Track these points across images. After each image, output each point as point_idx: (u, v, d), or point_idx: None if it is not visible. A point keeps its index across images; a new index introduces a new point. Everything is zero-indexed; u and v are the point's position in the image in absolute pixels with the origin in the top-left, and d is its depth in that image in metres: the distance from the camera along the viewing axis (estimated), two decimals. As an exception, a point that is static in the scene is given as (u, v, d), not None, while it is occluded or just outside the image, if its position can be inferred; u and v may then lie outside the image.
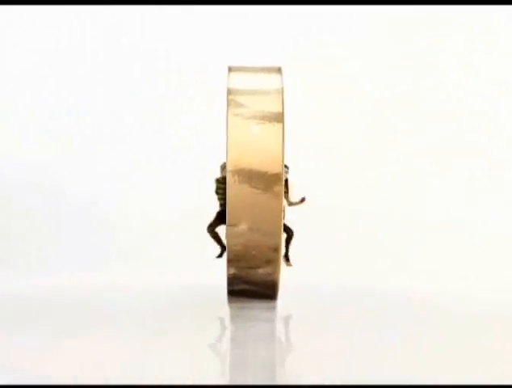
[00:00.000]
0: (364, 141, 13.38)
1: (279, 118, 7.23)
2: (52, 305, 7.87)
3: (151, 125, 13.02)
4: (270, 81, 7.46)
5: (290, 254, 9.52)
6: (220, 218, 9.20)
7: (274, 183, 7.29)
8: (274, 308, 7.88)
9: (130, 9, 13.10)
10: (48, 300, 8.22)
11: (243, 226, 7.39)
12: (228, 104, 7.30)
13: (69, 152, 13.40)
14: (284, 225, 9.15)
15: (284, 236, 9.29)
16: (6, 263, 11.87)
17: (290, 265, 9.53)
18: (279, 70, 7.58)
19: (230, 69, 7.62)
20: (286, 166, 9.32)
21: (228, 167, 7.31)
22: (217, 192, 9.31)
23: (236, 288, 7.98)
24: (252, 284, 7.84)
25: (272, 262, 7.60)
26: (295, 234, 9.36)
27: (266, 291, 7.91)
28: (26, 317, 7.31)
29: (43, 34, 13.29)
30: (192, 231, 9.44)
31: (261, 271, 7.67)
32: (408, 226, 13.20)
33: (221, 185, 9.02)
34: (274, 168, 7.25)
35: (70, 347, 5.52)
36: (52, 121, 12.82)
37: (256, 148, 7.22)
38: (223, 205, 8.95)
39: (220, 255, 9.43)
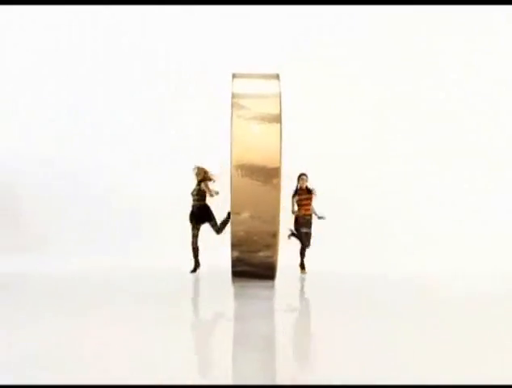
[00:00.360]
0: (363, 140, 13.63)
1: (277, 119, 8.50)
2: (60, 287, 8.33)
3: (156, 124, 13.39)
4: (269, 86, 8.71)
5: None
6: (193, 221, 10.18)
7: (272, 176, 8.55)
8: (272, 287, 9.02)
9: (133, 9, 13.49)
10: (55, 283, 8.76)
11: (245, 215, 8.64)
12: (232, 107, 8.52)
13: (80, 155, 13.88)
14: (305, 235, 10.21)
15: (299, 246, 10.33)
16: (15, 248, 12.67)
17: (305, 273, 10.53)
18: (277, 76, 8.81)
19: (234, 76, 8.84)
20: (304, 175, 10.24)
21: (232, 162, 8.48)
22: (192, 193, 10.28)
23: (239, 269, 9.22)
24: (253, 266, 9.09)
25: (271, 246, 8.85)
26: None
27: (265, 272, 9.14)
28: (34, 300, 8.14)
29: (44, 34, 13.70)
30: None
31: (261, 254, 8.93)
32: (408, 220, 13.58)
33: (196, 187, 10.32)
34: (273, 163, 8.51)
35: (74, 335, 6.17)
36: (63, 121, 13.37)
37: (257, 145, 8.45)
38: (194, 206, 10.16)
39: (194, 270, 10.38)
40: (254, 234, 8.79)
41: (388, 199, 13.82)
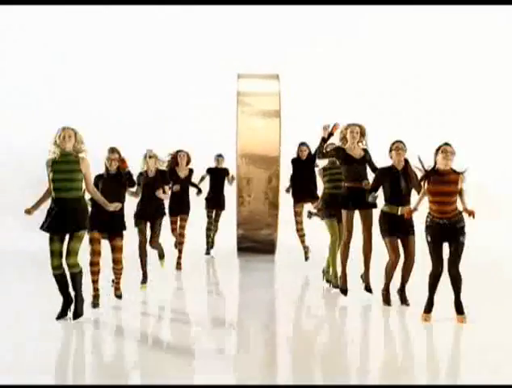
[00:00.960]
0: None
1: (277, 114, 9.75)
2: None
3: (168, 121, 13.73)
4: (270, 85, 9.96)
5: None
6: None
7: (273, 164, 9.83)
8: (273, 261, 10.11)
9: (136, 10, 13.75)
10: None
11: (249, 197, 9.92)
12: (238, 103, 9.77)
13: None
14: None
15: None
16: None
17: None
18: (277, 77, 10.06)
19: (239, 76, 10.06)
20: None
21: (238, 152, 9.74)
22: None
23: (243, 245, 10.50)
24: (256, 242, 10.35)
25: (271, 225, 10.12)
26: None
27: (266, 247, 10.36)
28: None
29: (46, 34, 13.80)
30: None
31: (263, 232, 10.20)
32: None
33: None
34: (273, 152, 9.79)
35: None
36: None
37: (259, 137, 9.71)
38: None
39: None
40: (257, 214, 10.05)
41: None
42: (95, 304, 6.77)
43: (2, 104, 13.89)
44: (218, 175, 10.41)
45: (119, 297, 7.22)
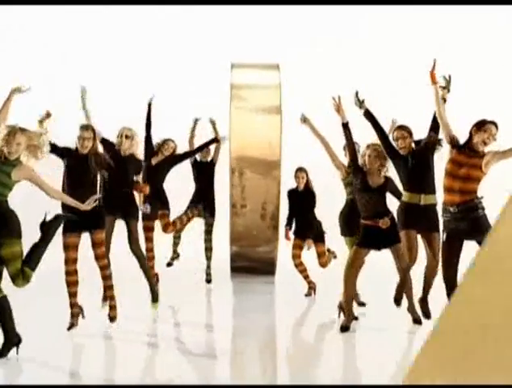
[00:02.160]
0: (365, 133, 14.41)
1: (277, 110, 8.82)
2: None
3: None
4: (269, 76, 9.04)
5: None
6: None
7: (272, 168, 8.86)
8: (272, 282, 9.31)
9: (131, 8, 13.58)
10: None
11: (245, 208, 8.94)
12: (232, 98, 8.85)
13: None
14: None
15: None
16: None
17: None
18: (277, 67, 9.13)
19: (233, 66, 9.14)
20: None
21: (231, 155, 8.79)
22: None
23: (238, 264, 9.49)
24: (252, 261, 9.36)
25: (271, 241, 9.13)
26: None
27: (265, 267, 9.39)
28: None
29: (46, 34, 13.80)
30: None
31: (261, 249, 9.20)
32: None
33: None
34: (273, 155, 8.83)
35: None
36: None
37: (256, 137, 8.76)
38: None
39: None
40: (254, 229, 9.08)
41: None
42: (72, 324, 5.97)
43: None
44: (203, 170, 8.69)
45: (112, 319, 6.24)
